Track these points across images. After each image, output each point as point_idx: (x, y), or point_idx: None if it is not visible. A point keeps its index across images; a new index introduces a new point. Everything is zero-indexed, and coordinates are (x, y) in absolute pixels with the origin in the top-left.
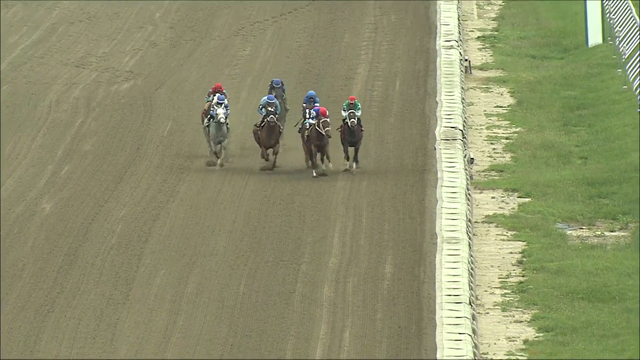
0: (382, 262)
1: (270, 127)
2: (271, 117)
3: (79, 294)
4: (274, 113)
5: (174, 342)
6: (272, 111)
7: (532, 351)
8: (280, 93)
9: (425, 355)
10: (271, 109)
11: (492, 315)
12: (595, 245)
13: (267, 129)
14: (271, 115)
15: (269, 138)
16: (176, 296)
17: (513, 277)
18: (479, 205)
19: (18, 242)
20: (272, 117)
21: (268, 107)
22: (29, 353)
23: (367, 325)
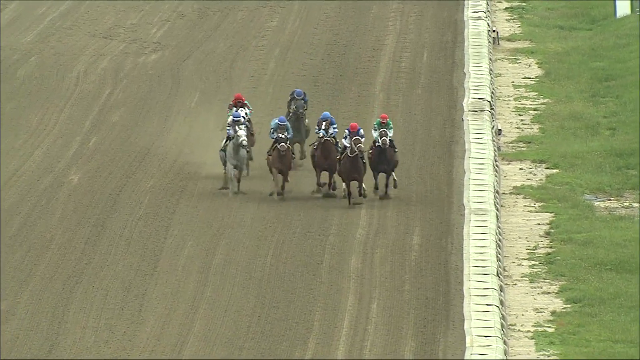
0: (409, 233)
1: (281, 155)
2: (282, 145)
3: (107, 265)
4: (284, 140)
5: (202, 313)
6: (283, 137)
7: (559, 322)
8: (302, 105)
9: (452, 325)
10: (282, 134)
11: (520, 287)
12: (623, 216)
13: (278, 155)
14: (282, 143)
15: (280, 163)
16: (204, 267)
17: (541, 249)
18: (507, 177)
19: (46, 213)
20: (283, 145)
21: (279, 132)
22: (57, 324)
23: (395, 297)
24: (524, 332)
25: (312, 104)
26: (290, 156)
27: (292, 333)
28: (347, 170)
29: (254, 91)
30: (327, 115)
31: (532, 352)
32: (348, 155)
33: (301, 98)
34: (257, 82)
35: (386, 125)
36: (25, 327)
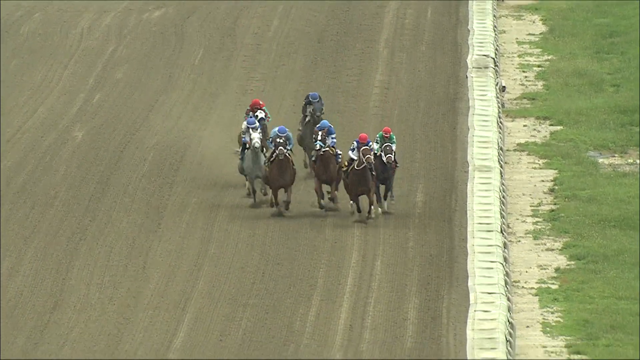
0: (413, 190)
1: (281, 162)
2: (280, 150)
3: (111, 222)
4: (283, 144)
5: (206, 270)
6: (282, 142)
7: (563, 279)
8: (319, 107)
9: (456, 282)
10: (281, 140)
11: (524, 244)
12: (627, 173)
13: (278, 164)
14: (280, 147)
15: (280, 176)
16: (207, 224)
17: (544, 205)
18: (511, 134)
19: (50, 170)
20: (282, 150)
21: (278, 140)
22: (61, 281)
23: (398, 254)
24: (527, 289)
25: (316, 61)
26: (291, 167)
27: (296, 290)
28: (354, 184)
29: (258, 48)
30: (325, 124)
31: (535, 308)
32: (355, 169)
33: (317, 100)
34: (260, 39)
35: (389, 140)
36: (29, 284)
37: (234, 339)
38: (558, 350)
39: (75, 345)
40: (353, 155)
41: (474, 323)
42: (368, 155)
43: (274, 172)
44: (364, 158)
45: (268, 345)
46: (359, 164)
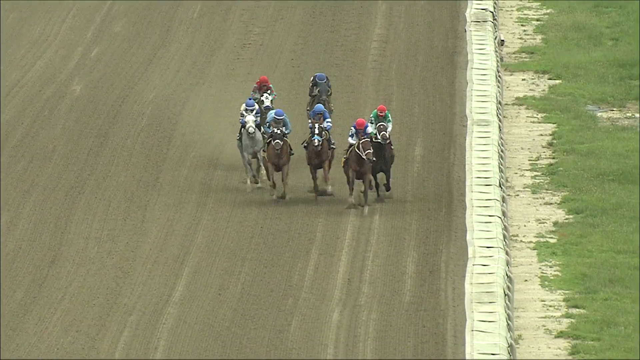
0: (412, 144)
1: (276, 153)
2: (276, 142)
3: (109, 176)
4: (280, 136)
5: (204, 224)
6: (279, 133)
7: (562, 233)
8: (326, 89)
9: (454, 236)
10: (277, 129)
11: (522, 198)
12: (625, 127)
13: (273, 152)
14: (277, 141)
15: (277, 159)
16: (206, 179)
17: (543, 159)
18: (509, 87)
19: (48, 124)
20: (278, 143)
21: (274, 126)
22: (59, 235)
23: (397, 208)
24: (526, 242)
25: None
26: (287, 152)
27: (295, 244)
28: (352, 164)
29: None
30: (320, 108)
31: (534, 262)
32: (355, 151)
33: (324, 82)
34: None
35: (384, 119)
36: (27, 237)
37: (232, 293)
38: (556, 304)
39: (73, 299)
40: (353, 141)
41: (472, 277)
42: (369, 150)
43: (271, 155)
44: (364, 154)
45: (267, 299)
46: (358, 147)
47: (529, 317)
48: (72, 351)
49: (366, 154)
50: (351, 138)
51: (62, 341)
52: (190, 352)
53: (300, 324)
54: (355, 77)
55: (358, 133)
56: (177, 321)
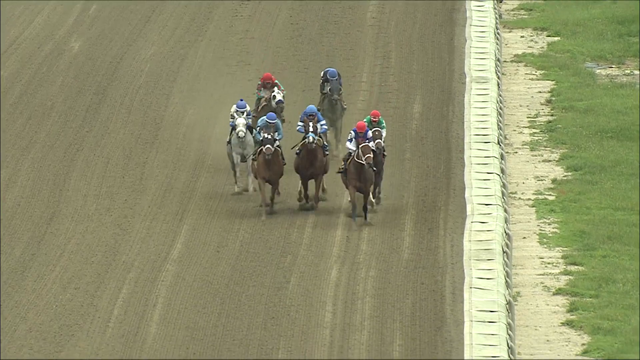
0: (410, 102)
1: (267, 161)
2: (267, 148)
3: (108, 133)
4: (271, 141)
5: (202, 181)
6: (269, 138)
7: (560, 190)
8: (337, 87)
9: (453, 194)
10: (268, 135)
11: (521, 155)
12: (624, 83)
13: (264, 160)
14: (267, 146)
15: (267, 170)
16: (204, 136)
17: (542, 117)
18: (508, 45)
19: (47, 81)
20: (269, 148)
21: (265, 131)
22: (58, 192)
23: (396, 165)
24: (524, 200)
25: None
26: (279, 161)
27: (294, 201)
28: (352, 177)
29: None
30: (312, 109)
31: (532, 219)
32: (355, 160)
33: (335, 79)
34: None
35: (378, 124)
36: (26, 195)
37: (231, 250)
38: (555, 262)
39: (72, 257)
40: (351, 146)
41: (471, 234)
42: (368, 154)
43: (261, 165)
44: (363, 158)
45: (265, 256)
46: (358, 156)
47: (527, 274)
48: (70, 308)
49: (366, 159)
50: (350, 143)
51: (61, 298)
52: (189, 309)
53: (298, 281)
54: (354, 35)
55: (358, 137)
56: (176, 278)
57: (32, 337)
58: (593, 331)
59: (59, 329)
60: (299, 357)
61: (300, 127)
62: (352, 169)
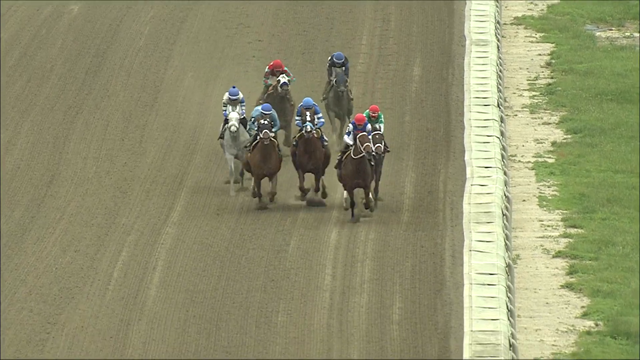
0: (410, 64)
1: (265, 147)
2: (264, 132)
3: (108, 96)
4: (268, 126)
5: (202, 144)
6: (266, 124)
7: (560, 153)
8: (344, 78)
9: (452, 156)
10: (265, 121)
11: (521, 117)
12: (624, 46)
13: (261, 150)
14: (265, 130)
15: (264, 163)
16: (204, 98)
17: (541, 79)
18: (508, 7)
19: (46, 43)
20: (266, 133)
21: (261, 121)
22: (57, 154)
23: (395, 128)
24: (524, 162)
25: None
26: (276, 153)
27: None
28: (350, 176)
29: None
30: (309, 102)
31: (532, 182)
32: (352, 157)
33: (341, 63)
34: None
35: (376, 120)
36: (26, 157)
37: (230, 213)
38: (554, 224)
39: (72, 219)
40: (349, 140)
41: (471, 197)
42: (367, 143)
43: (257, 158)
44: (362, 147)
45: (265, 219)
46: (355, 152)
47: (526, 237)
48: (70, 270)
49: (365, 147)
50: (348, 136)
51: (61, 261)
52: (189, 272)
53: (298, 244)
54: None
55: (356, 130)
56: (176, 241)
57: (32, 300)
58: (592, 294)
59: (58, 292)
60: (298, 319)
61: (298, 120)
62: (349, 166)
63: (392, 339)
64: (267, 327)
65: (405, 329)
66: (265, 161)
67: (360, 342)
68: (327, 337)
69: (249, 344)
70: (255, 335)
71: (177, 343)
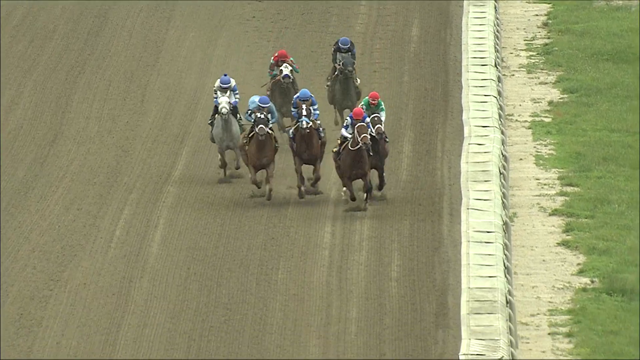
0: (408, 24)
1: (260, 142)
2: (260, 128)
3: (110, 56)
4: (264, 121)
5: (203, 104)
6: (263, 118)
7: (556, 112)
8: (350, 61)
9: (450, 116)
10: (262, 114)
11: (518, 77)
12: (620, 6)
13: (257, 143)
14: (261, 126)
15: (260, 155)
16: (205, 59)
17: (538, 39)
18: None
19: (48, 3)
20: (262, 128)
21: (257, 114)
22: (60, 114)
23: (394, 87)
24: (521, 122)
25: None
26: (272, 144)
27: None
28: (347, 167)
29: None
30: (306, 93)
31: (529, 141)
32: (349, 149)
33: (347, 48)
34: None
35: (377, 107)
36: (29, 117)
37: (231, 172)
38: (551, 183)
39: (74, 178)
40: (347, 133)
41: (468, 156)
42: (364, 134)
43: (253, 150)
44: (359, 137)
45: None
46: (353, 143)
47: (523, 195)
48: (73, 228)
49: (362, 139)
50: (345, 130)
51: (64, 219)
52: (190, 230)
53: (298, 202)
54: None
55: (354, 124)
56: (177, 199)
57: (35, 257)
58: (588, 251)
59: (61, 249)
60: (298, 276)
61: (294, 111)
62: (347, 158)
63: (390, 295)
64: (267, 284)
65: (403, 286)
66: (262, 153)
67: (359, 298)
68: (326, 294)
69: (249, 300)
70: (255, 292)
71: (179, 300)
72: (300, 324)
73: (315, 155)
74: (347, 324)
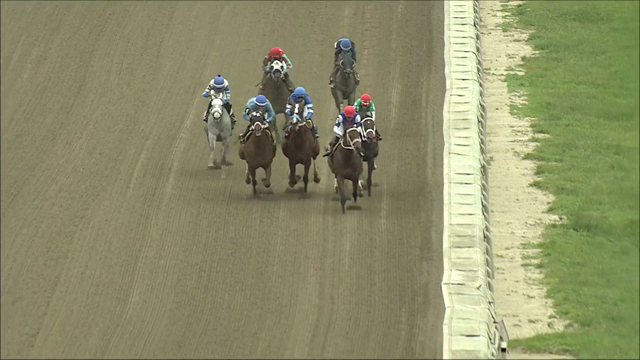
0: None
1: (258, 139)
2: (257, 125)
3: (128, 16)
4: (260, 119)
5: (212, 59)
6: (259, 116)
7: (529, 66)
8: (350, 61)
9: (434, 70)
10: (257, 113)
11: (494, 35)
12: None
13: (255, 141)
14: (257, 122)
15: (258, 154)
16: (214, 17)
17: (513, 1)
18: None
19: None
20: (258, 125)
21: (254, 113)
22: (84, 67)
23: (382, 45)
24: (497, 75)
25: None
26: (270, 143)
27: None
28: (340, 166)
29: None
30: (301, 91)
31: (504, 93)
32: (342, 146)
33: (348, 49)
34: None
35: (368, 109)
36: (56, 70)
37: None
38: (524, 130)
39: (97, 125)
40: (339, 131)
41: (450, 106)
42: (357, 139)
43: (251, 149)
44: (351, 142)
45: None
46: (345, 142)
47: (499, 141)
48: (95, 171)
49: (354, 144)
50: (337, 127)
51: (87, 162)
52: (201, 173)
53: None
54: None
55: (346, 122)
56: (189, 145)
57: (62, 197)
58: (557, 191)
59: (85, 190)
60: (297, 214)
61: (288, 109)
62: (339, 156)
63: (380, 231)
64: (269, 221)
65: (392, 222)
66: (259, 152)
67: (352, 234)
68: (322, 230)
69: (253, 235)
70: (259, 228)
71: (190, 235)
72: (299, 257)
73: (308, 155)
74: (342, 257)
